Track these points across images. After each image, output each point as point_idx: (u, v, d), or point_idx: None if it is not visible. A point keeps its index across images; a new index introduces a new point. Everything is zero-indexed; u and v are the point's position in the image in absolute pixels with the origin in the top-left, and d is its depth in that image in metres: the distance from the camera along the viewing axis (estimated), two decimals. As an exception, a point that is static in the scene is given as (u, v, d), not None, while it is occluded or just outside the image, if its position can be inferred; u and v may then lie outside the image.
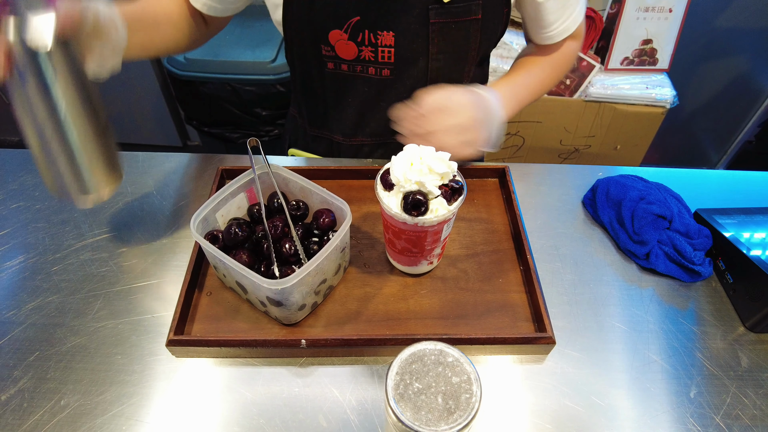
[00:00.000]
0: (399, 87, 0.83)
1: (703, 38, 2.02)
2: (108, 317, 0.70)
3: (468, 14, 0.75)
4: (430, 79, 0.82)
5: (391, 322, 0.67)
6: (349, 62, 0.80)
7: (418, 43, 0.77)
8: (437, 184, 0.59)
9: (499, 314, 0.68)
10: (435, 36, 0.76)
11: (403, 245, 0.65)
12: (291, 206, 0.71)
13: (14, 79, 0.55)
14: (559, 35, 0.83)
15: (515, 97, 0.81)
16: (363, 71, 0.81)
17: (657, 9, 1.74)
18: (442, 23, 0.75)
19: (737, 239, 0.72)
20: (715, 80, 2.18)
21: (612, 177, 0.84)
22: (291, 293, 0.59)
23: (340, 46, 0.78)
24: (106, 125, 0.63)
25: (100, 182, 0.64)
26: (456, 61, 0.81)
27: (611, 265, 0.77)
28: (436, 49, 0.78)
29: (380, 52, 0.78)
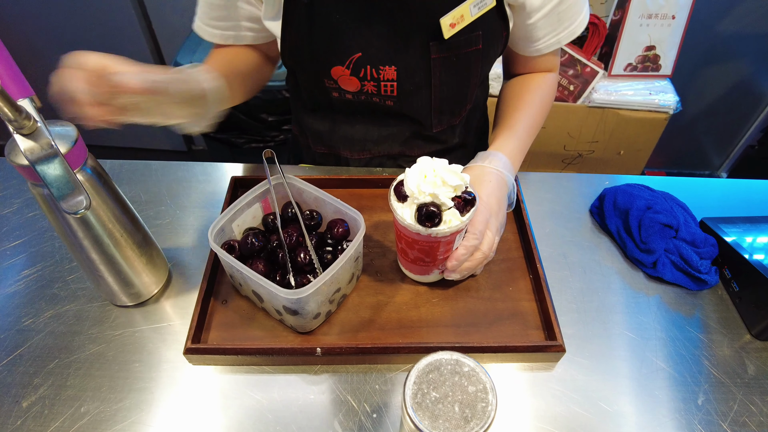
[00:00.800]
0: (404, 113, 0.84)
1: (706, 44, 2.03)
2: (125, 325, 0.71)
3: (469, 46, 0.75)
4: (434, 107, 0.83)
5: (403, 330, 0.68)
6: (353, 93, 0.81)
7: (420, 76, 0.77)
8: (450, 196, 0.60)
9: (509, 322, 0.70)
10: (437, 69, 0.77)
11: (416, 255, 0.66)
12: (305, 216, 0.73)
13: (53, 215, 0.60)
14: (547, 48, 0.82)
15: (520, 152, 0.81)
16: (368, 99, 0.82)
17: (660, 16, 1.75)
18: (443, 57, 0.75)
19: (743, 248, 0.73)
20: (717, 85, 2.19)
21: (619, 186, 0.85)
22: (307, 302, 0.61)
23: (342, 81, 0.78)
24: (145, 235, 0.71)
25: (146, 285, 0.72)
26: (459, 89, 0.82)
27: (618, 273, 0.78)
28: (439, 82, 0.78)
29: (383, 86, 0.78)
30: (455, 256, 0.66)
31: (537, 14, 0.75)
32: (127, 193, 0.89)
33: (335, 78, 0.78)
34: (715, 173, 2.60)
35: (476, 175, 0.75)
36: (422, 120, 0.84)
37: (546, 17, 0.76)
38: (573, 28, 0.79)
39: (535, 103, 0.87)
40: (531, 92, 0.88)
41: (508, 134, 0.82)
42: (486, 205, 0.70)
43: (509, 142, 0.81)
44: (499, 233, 0.72)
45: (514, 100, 0.88)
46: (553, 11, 0.75)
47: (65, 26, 2.04)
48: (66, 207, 0.52)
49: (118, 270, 0.68)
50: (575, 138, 1.93)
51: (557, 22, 0.78)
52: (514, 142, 0.81)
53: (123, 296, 0.71)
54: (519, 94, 0.88)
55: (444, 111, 0.84)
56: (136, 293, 0.72)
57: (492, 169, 0.76)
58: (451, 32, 0.71)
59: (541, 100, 0.88)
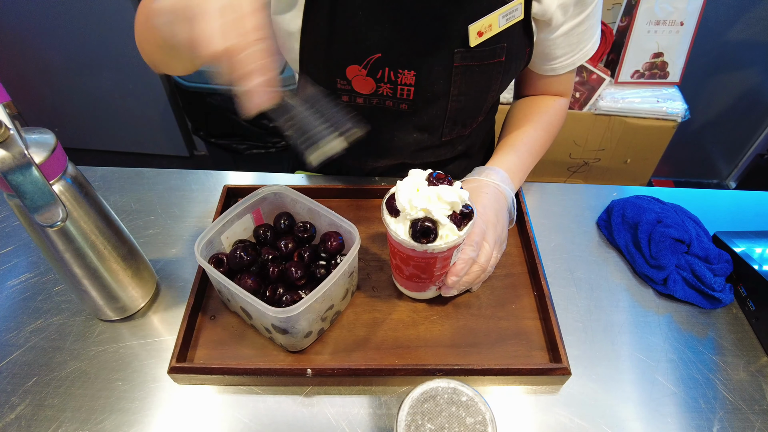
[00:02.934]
0: (415, 121, 0.80)
1: (714, 51, 2.00)
2: (109, 341, 0.68)
3: (492, 57, 0.72)
4: (448, 117, 0.79)
5: (400, 350, 0.65)
6: (366, 96, 0.77)
7: (439, 84, 0.74)
8: (446, 213, 0.57)
9: (512, 342, 0.66)
10: (457, 78, 0.74)
11: (412, 271, 0.63)
12: (298, 228, 0.70)
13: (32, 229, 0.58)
14: (562, 68, 0.81)
15: (520, 170, 0.79)
16: (380, 103, 0.78)
17: (668, 22, 1.72)
18: (465, 66, 0.72)
19: (759, 264, 0.70)
20: (725, 93, 2.16)
21: (628, 198, 0.82)
22: (297, 321, 0.57)
23: (357, 81, 0.75)
24: (131, 247, 0.68)
25: (132, 299, 0.69)
26: (475, 101, 0.79)
27: (627, 290, 0.75)
28: (457, 91, 0.75)
29: (399, 90, 0.75)
30: (454, 271, 0.63)
31: (559, 31, 0.75)
32: (118, 201, 0.86)
33: (350, 78, 0.75)
34: (724, 183, 2.56)
35: (472, 188, 0.72)
36: (433, 129, 0.81)
37: (566, 36, 0.76)
38: (587, 49, 0.79)
39: (541, 125, 0.84)
40: (538, 114, 0.86)
41: (509, 151, 0.80)
42: (482, 216, 0.67)
43: (508, 158, 0.79)
44: (498, 248, 0.68)
45: (520, 120, 0.86)
46: (574, 31, 0.75)
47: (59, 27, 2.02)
48: (40, 220, 0.49)
49: (102, 283, 0.65)
50: (581, 146, 1.89)
51: (575, 43, 0.77)
52: (513, 159, 0.79)
53: (108, 310, 0.68)
54: (526, 114, 0.86)
55: (457, 121, 0.81)
56: (121, 307, 0.69)
57: (489, 182, 0.73)
58: (477, 41, 0.69)
59: (549, 123, 0.85)
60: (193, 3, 0.44)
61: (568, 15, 0.73)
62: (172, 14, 0.47)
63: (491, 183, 0.72)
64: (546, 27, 0.74)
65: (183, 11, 0.45)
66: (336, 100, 0.80)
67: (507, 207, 0.73)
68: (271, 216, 0.72)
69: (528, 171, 0.81)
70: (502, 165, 0.76)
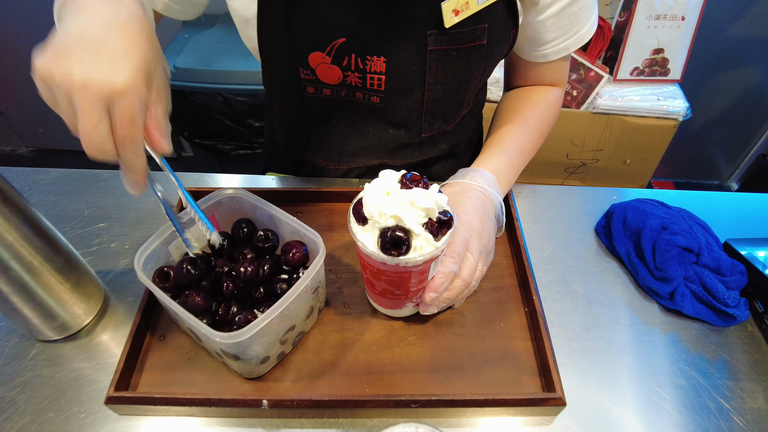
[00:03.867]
0: (390, 115, 0.73)
1: (715, 48, 1.93)
2: (46, 364, 0.60)
3: (472, 40, 0.65)
4: (426, 110, 0.72)
5: (372, 377, 0.57)
6: (333, 86, 0.70)
7: (413, 72, 0.67)
8: (420, 222, 0.49)
9: (499, 366, 0.58)
10: (433, 65, 0.66)
11: (384, 287, 0.55)
12: (258, 237, 0.62)
13: None
14: (555, 54, 0.74)
15: (509, 173, 0.72)
16: (349, 95, 0.71)
17: (669, 17, 1.64)
18: (441, 51, 0.65)
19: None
20: (727, 92, 2.09)
21: (629, 202, 0.74)
22: (249, 346, 0.50)
23: (321, 70, 0.67)
24: (69, 258, 0.60)
25: (74, 316, 0.62)
26: (455, 91, 0.71)
27: (629, 305, 0.67)
28: (434, 80, 0.68)
29: (368, 78, 0.67)
30: (432, 287, 0.55)
31: (548, 11, 0.67)
32: (69, 206, 0.78)
33: (313, 67, 0.67)
34: (725, 184, 2.49)
35: (455, 192, 0.65)
36: (410, 123, 0.74)
37: (557, 17, 0.68)
38: (582, 33, 0.72)
39: (532, 121, 0.76)
40: (530, 107, 0.78)
41: (496, 151, 0.72)
42: (465, 224, 0.59)
43: (496, 159, 0.71)
44: (484, 260, 0.61)
45: (509, 115, 0.78)
46: (565, 11, 0.68)
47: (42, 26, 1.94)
48: None
49: (34, 300, 0.57)
50: (578, 146, 1.82)
51: (568, 25, 0.70)
52: (501, 159, 0.71)
53: (45, 329, 0.60)
54: (516, 108, 0.78)
55: (437, 115, 0.73)
56: (61, 325, 0.61)
57: (473, 185, 0.65)
58: (453, 20, 0.61)
59: (540, 118, 0.78)
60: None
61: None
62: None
63: (476, 187, 0.65)
64: (533, 6, 0.67)
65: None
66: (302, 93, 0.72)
67: (494, 213, 0.65)
68: (228, 223, 0.64)
69: (518, 172, 0.73)
70: (488, 166, 0.69)
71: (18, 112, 2.32)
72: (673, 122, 1.71)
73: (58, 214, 0.77)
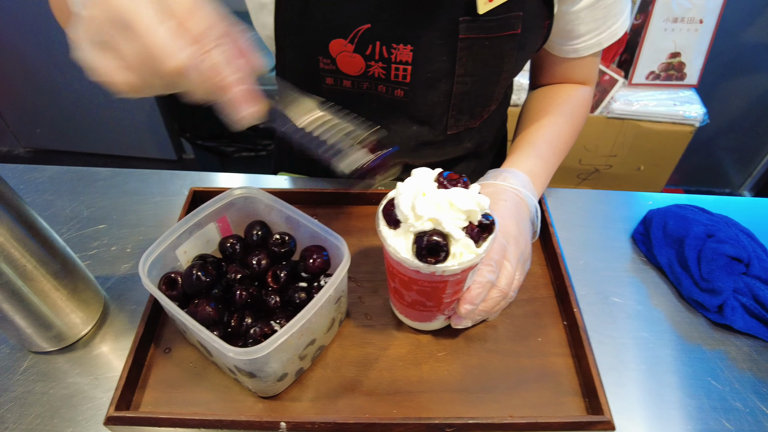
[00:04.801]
0: (413, 111, 0.68)
1: (730, 52, 1.89)
2: (39, 378, 0.55)
3: (505, 29, 0.61)
4: (453, 105, 0.67)
5: (398, 397, 0.51)
6: (354, 78, 0.65)
7: (441, 62, 0.62)
8: (461, 225, 0.44)
9: (537, 386, 0.53)
10: (463, 55, 0.62)
11: (415, 298, 0.50)
12: (274, 241, 0.57)
13: None
14: (587, 49, 0.70)
15: (543, 173, 0.67)
16: (371, 88, 0.66)
17: (686, 20, 1.60)
18: (473, 39, 0.60)
19: (837, 290, 0.57)
20: (741, 97, 2.05)
21: (669, 207, 0.69)
22: (267, 363, 0.44)
23: (342, 59, 0.63)
24: (66, 262, 0.55)
25: (71, 326, 0.57)
26: (485, 85, 0.66)
27: (671, 319, 0.62)
28: (464, 71, 0.63)
29: (393, 69, 0.63)
30: (469, 298, 0.50)
31: (583, 2, 0.63)
32: (66, 207, 0.73)
33: (334, 56, 0.63)
34: (736, 192, 2.44)
35: (487, 193, 0.59)
36: (435, 119, 0.69)
37: (591, 9, 0.64)
38: (615, 28, 0.68)
39: (563, 118, 0.72)
40: (559, 104, 0.73)
41: (528, 151, 0.68)
42: (501, 229, 0.54)
43: (529, 160, 0.66)
44: (522, 268, 0.55)
45: (538, 113, 0.73)
46: (600, 3, 0.64)
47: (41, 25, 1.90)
48: None
49: (27, 308, 0.52)
50: (591, 151, 1.77)
51: (602, 18, 0.66)
52: (534, 160, 0.67)
53: (39, 340, 0.55)
54: (545, 106, 0.74)
55: (463, 110, 0.68)
56: (56, 336, 0.56)
57: (507, 187, 0.60)
58: (487, 7, 0.57)
59: (572, 114, 0.73)
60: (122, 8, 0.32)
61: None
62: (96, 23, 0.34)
63: (510, 188, 0.60)
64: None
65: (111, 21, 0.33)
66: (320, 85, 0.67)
67: (529, 217, 0.60)
68: (241, 226, 0.59)
69: (551, 173, 0.68)
70: (521, 167, 0.64)
71: (15, 112, 2.27)
72: (690, 128, 1.67)
73: (54, 215, 0.72)
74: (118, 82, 0.35)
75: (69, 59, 1.35)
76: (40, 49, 1.99)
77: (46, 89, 2.14)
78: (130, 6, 0.32)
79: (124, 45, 0.33)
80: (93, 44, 0.34)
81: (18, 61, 2.04)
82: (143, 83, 0.35)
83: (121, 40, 0.33)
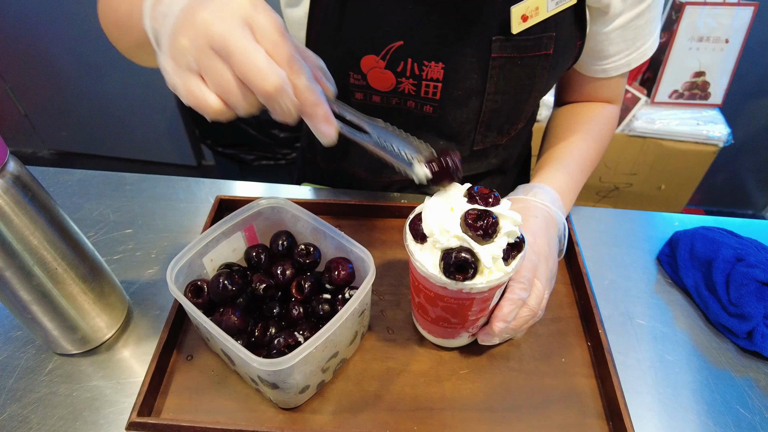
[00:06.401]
0: (441, 126, 0.68)
1: (757, 72, 1.86)
2: (63, 380, 0.55)
3: (538, 49, 0.61)
4: (481, 122, 0.67)
5: (420, 414, 0.51)
6: (384, 94, 0.65)
7: (472, 80, 0.62)
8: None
9: (562, 406, 0.52)
10: (495, 73, 0.62)
11: (439, 314, 0.49)
12: (299, 251, 0.57)
13: None
14: (615, 69, 0.69)
15: (571, 190, 0.67)
16: (400, 103, 0.66)
17: (712, 39, 1.59)
18: (505, 58, 0.60)
19: None
20: (766, 117, 2.02)
21: (696, 229, 0.68)
22: (290, 374, 0.44)
23: (373, 75, 0.63)
24: (94, 266, 0.56)
25: (95, 329, 0.57)
26: (515, 103, 0.66)
27: (697, 343, 0.61)
28: (494, 89, 0.63)
29: (424, 86, 0.63)
30: (501, 316, 0.49)
31: (615, 22, 0.63)
32: (93, 210, 0.74)
33: (365, 71, 0.63)
34: (759, 214, 2.40)
35: (518, 209, 0.59)
36: (463, 135, 0.69)
37: (622, 30, 0.64)
38: (645, 49, 0.68)
39: (591, 136, 0.72)
40: (586, 122, 0.73)
41: (557, 167, 0.67)
42: (533, 247, 0.54)
43: (558, 176, 0.66)
44: (549, 287, 0.55)
45: (565, 130, 0.73)
46: (631, 24, 0.64)
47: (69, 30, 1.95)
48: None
49: (55, 310, 0.52)
50: (612, 169, 1.76)
51: (632, 39, 0.66)
52: (563, 176, 0.66)
53: (64, 342, 0.56)
54: (572, 123, 0.73)
55: (492, 127, 0.68)
56: (81, 339, 0.56)
57: (538, 203, 0.60)
58: (521, 27, 0.57)
59: (600, 133, 0.73)
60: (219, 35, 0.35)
61: (628, 3, 0.61)
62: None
63: (540, 205, 0.59)
64: (601, 17, 0.63)
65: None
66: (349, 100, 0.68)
67: (557, 234, 0.60)
68: (267, 235, 0.59)
69: (578, 191, 0.68)
70: (551, 183, 0.64)
71: (42, 114, 2.32)
72: (713, 148, 1.65)
73: (82, 218, 0.73)
74: (214, 104, 0.37)
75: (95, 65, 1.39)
76: (67, 53, 2.03)
77: (73, 93, 2.18)
78: (228, 33, 0.34)
79: (221, 69, 0.35)
80: (189, 71, 0.36)
81: (46, 65, 2.09)
82: (237, 104, 0.37)
83: (218, 65, 0.35)
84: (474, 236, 0.42)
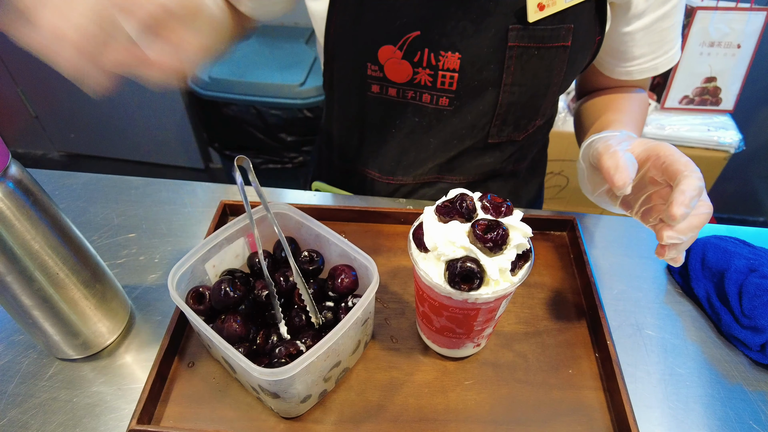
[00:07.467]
0: (456, 122, 0.67)
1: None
2: (64, 385, 0.55)
3: (555, 40, 0.60)
4: (497, 115, 0.66)
5: (424, 425, 0.50)
6: (400, 86, 0.65)
7: (489, 70, 0.62)
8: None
9: (569, 420, 0.51)
10: (512, 63, 0.61)
11: (444, 324, 0.49)
12: (302, 258, 0.56)
13: None
14: (640, 73, 0.68)
15: None
16: (415, 98, 0.66)
17: (724, 44, 1.57)
18: (522, 48, 0.60)
19: None
20: (779, 124, 1.99)
21: (708, 238, 0.67)
22: (292, 384, 0.44)
23: (390, 66, 0.63)
24: (96, 270, 0.55)
25: (97, 334, 0.57)
26: (532, 96, 0.66)
27: (709, 355, 0.59)
28: (511, 80, 0.63)
29: (440, 76, 0.63)
30: (682, 201, 0.41)
31: (638, 23, 0.62)
32: (98, 214, 0.74)
33: (382, 62, 0.63)
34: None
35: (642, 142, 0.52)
36: (478, 128, 0.68)
37: (647, 31, 0.63)
38: (672, 54, 0.67)
39: (633, 109, 0.69)
40: (624, 99, 0.71)
41: (622, 124, 0.63)
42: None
43: (627, 128, 0.61)
44: None
45: (600, 110, 0.70)
46: (656, 26, 0.63)
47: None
48: None
49: (57, 315, 0.52)
50: (621, 174, 1.74)
51: (658, 42, 0.65)
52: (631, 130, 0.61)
53: (65, 347, 0.55)
54: (607, 104, 0.71)
55: (508, 120, 0.68)
56: (83, 344, 0.56)
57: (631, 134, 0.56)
58: (537, 15, 0.57)
59: (640, 108, 0.70)
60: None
61: (651, 2, 0.60)
62: None
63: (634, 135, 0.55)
64: (623, 14, 0.62)
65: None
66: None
67: None
68: (270, 241, 0.59)
69: None
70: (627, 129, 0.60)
71: (52, 116, 2.34)
72: (724, 154, 1.63)
73: (86, 222, 0.73)
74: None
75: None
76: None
77: (82, 95, 2.18)
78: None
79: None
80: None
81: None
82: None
83: None
84: (482, 248, 0.41)
